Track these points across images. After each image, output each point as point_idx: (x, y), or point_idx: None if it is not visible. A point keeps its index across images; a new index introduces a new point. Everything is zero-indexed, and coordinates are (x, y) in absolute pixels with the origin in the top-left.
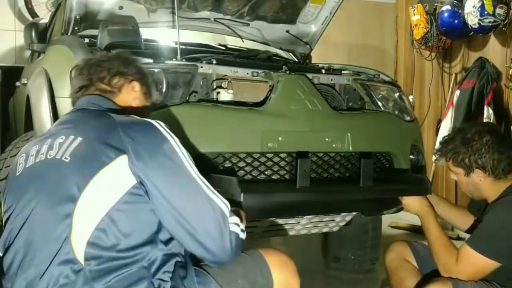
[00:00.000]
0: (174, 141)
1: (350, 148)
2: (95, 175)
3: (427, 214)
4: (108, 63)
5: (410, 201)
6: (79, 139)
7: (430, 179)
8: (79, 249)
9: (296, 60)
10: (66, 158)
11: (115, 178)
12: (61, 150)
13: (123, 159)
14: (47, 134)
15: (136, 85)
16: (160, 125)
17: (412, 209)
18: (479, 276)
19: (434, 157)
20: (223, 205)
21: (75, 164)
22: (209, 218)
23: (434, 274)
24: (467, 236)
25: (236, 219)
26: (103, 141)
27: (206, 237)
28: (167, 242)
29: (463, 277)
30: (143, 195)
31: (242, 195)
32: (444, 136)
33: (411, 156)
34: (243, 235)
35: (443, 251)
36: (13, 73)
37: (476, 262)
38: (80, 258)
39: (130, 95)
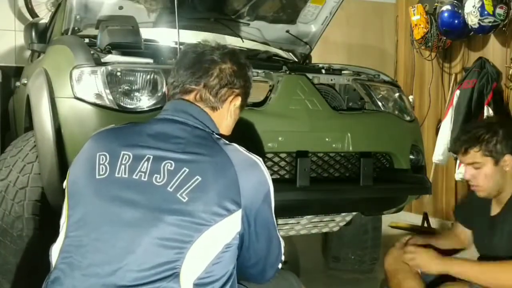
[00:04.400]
0: (271, 183)
1: (350, 148)
2: (212, 226)
3: (448, 265)
4: (221, 65)
5: (424, 265)
6: (198, 178)
7: (430, 179)
8: None
9: (296, 60)
10: (183, 197)
11: (228, 227)
12: (175, 183)
13: (239, 213)
14: (134, 138)
15: (239, 99)
16: (263, 166)
17: (432, 271)
18: None
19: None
20: (282, 242)
21: (193, 207)
22: (277, 255)
23: (439, 280)
24: None
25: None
26: (223, 189)
27: (271, 268)
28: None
29: None
30: (240, 236)
31: None
32: (465, 130)
33: (411, 156)
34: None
35: (499, 273)
36: (13, 73)
37: None
38: None
39: (228, 110)
